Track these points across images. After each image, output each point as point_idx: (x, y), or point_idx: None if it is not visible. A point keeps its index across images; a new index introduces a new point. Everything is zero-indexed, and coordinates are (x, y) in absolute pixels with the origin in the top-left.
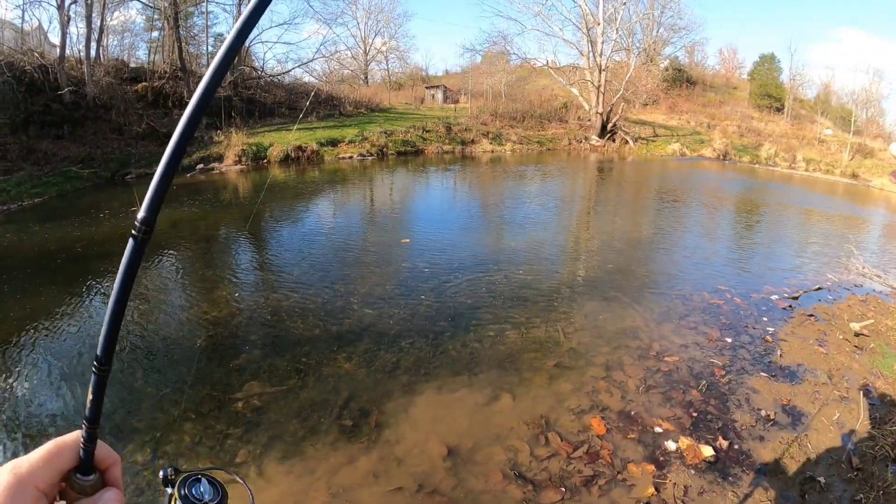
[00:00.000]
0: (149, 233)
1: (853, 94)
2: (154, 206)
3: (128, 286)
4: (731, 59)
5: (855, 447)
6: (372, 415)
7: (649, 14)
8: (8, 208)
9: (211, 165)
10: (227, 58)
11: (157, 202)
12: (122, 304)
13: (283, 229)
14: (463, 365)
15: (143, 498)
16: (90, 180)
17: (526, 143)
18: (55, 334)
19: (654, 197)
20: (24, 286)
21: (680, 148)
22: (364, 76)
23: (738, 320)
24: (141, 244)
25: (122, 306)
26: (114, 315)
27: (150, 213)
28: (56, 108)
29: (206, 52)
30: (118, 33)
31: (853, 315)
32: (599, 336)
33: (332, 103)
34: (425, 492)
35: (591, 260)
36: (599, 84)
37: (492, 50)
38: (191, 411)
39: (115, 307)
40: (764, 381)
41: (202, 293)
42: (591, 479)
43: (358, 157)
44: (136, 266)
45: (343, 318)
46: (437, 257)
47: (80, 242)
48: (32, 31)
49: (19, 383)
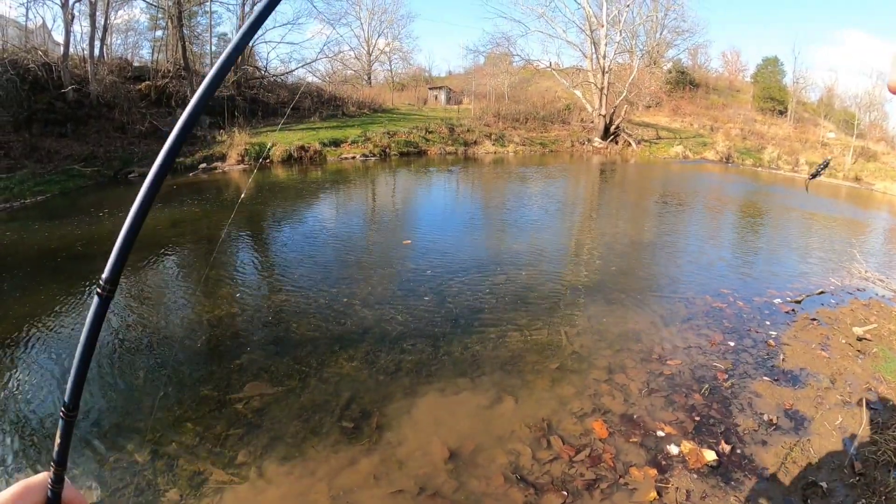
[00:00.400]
0: (113, 291)
1: (856, 98)
2: (118, 268)
3: (94, 339)
4: (734, 61)
5: (857, 452)
6: (373, 416)
7: (653, 16)
8: (10, 206)
9: (213, 165)
10: (224, 67)
11: (120, 263)
12: (88, 354)
13: (284, 229)
14: (465, 367)
15: (143, 498)
16: (93, 178)
17: (529, 144)
18: (55, 332)
19: (657, 199)
20: (25, 284)
21: (683, 150)
22: (367, 77)
23: (741, 324)
24: (106, 301)
25: (88, 356)
26: (80, 364)
27: (114, 274)
28: (59, 106)
29: (209, 51)
30: (122, 32)
31: (856, 319)
32: (602, 339)
33: (335, 104)
34: (426, 494)
35: (594, 262)
36: (602, 86)
37: (495, 51)
38: (191, 411)
39: (81, 356)
40: (766, 386)
41: (203, 293)
42: (594, 482)
43: (361, 157)
44: (102, 321)
45: (344, 319)
46: (439, 259)
47: (81, 241)
48: (36, 29)
49: (18, 381)
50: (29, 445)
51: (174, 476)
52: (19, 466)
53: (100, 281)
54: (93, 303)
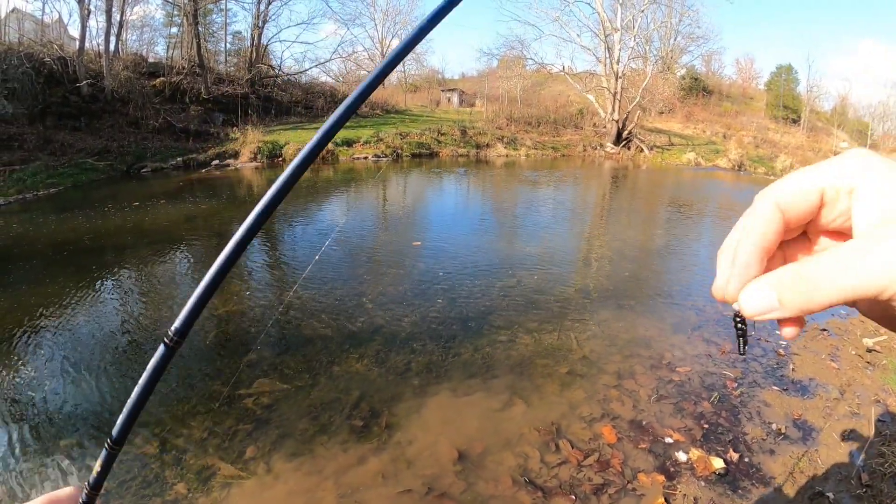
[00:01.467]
0: (181, 343)
1: (870, 107)
2: (190, 321)
3: (152, 385)
4: (747, 69)
5: (864, 464)
6: (382, 416)
7: (667, 22)
8: (24, 197)
9: (226, 161)
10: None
11: (194, 316)
12: (144, 398)
13: (296, 227)
14: (475, 369)
15: (150, 490)
16: (105, 172)
17: (540, 148)
18: (66, 322)
19: (669, 206)
20: (36, 274)
21: (695, 157)
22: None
23: (751, 332)
24: (171, 352)
25: (144, 400)
26: (135, 405)
27: (186, 327)
28: (74, 100)
29: (224, 49)
30: (137, 28)
31: (866, 331)
32: (612, 344)
33: None
34: (434, 495)
35: (605, 267)
36: (616, 91)
37: (508, 54)
38: (200, 406)
39: (137, 399)
40: (775, 395)
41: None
42: (601, 487)
43: (373, 157)
44: (163, 371)
45: (355, 318)
46: (450, 261)
47: (92, 233)
48: (52, 23)
49: (28, 371)
50: (34, 434)
51: (182, 469)
52: (24, 455)
53: (168, 331)
54: (158, 351)
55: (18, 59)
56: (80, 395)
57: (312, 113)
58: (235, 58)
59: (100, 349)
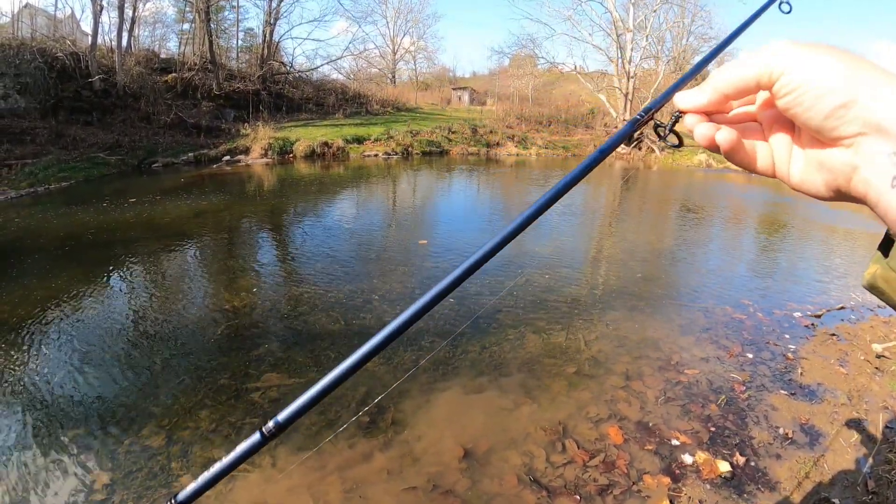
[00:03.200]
0: (276, 436)
1: None
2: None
3: (232, 468)
4: None
5: (871, 470)
6: (389, 412)
7: (679, 22)
8: (35, 190)
9: (237, 157)
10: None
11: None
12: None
13: (305, 223)
14: (482, 367)
15: (156, 482)
16: (117, 167)
17: (551, 147)
18: (75, 315)
19: (680, 208)
20: (46, 267)
21: (706, 159)
22: (391, 75)
23: (760, 336)
24: (265, 442)
25: (218, 479)
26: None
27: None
28: (86, 95)
29: (235, 45)
30: (149, 24)
31: (875, 336)
32: (620, 345)
33: (359, 101)
34: (439, 492)
35: (614, 268)
36: (627, 91)
37: (520, 53)
38: (208, 399)
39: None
40: (783, 399)
41: (224, 283)
42: (606, 488)
43: (383, 155)
44: (250, 456)
45: (363, 313)
46: (459, 259)
47: (103, 228)
48: (65, 18)
49: (37, 363)
50: (40, 425)
51: (188, 462)
52: (30, 446)
53: (269, 421)
54: (251, 437)
55: (31, 55)
56: (88, 387)
57: (323, 110)
58: (247, 54)
59: (107, 341)
